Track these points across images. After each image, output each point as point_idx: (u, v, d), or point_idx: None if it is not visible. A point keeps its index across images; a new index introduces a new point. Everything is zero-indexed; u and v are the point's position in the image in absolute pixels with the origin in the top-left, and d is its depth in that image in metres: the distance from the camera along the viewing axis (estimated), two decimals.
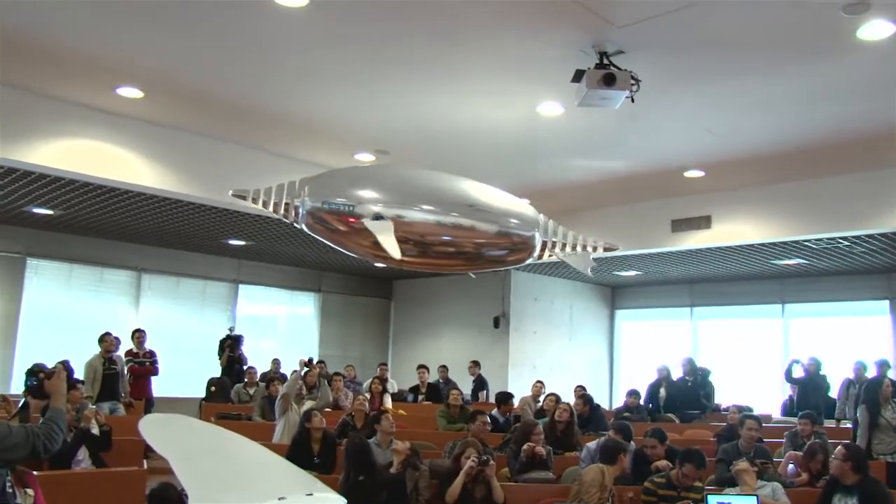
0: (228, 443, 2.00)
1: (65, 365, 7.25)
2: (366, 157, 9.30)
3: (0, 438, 3.21)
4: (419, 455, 5.99)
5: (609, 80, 5.88)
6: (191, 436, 1.98)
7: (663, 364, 11.51)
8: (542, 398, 10.73)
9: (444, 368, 12.45)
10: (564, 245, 4.34)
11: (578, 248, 4.39)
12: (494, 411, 9.02)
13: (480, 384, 12.39)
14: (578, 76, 6.06)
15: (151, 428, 1.91)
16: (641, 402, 10.99)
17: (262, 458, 2.01)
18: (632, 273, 14.12)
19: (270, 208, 3.84)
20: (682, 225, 10.82)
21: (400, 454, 5.82)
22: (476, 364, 12.63)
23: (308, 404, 7.97)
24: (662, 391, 11.24)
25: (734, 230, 10.50)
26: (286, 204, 3.85)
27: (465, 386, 11.82)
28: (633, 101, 6.13)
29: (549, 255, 4.29)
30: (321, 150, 9.16)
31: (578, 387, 10.72)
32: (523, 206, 4.34)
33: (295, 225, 3.91)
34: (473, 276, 4.67)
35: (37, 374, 3.68)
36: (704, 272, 13.54)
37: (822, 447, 6.42)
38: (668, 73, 6.59)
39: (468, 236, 4.05)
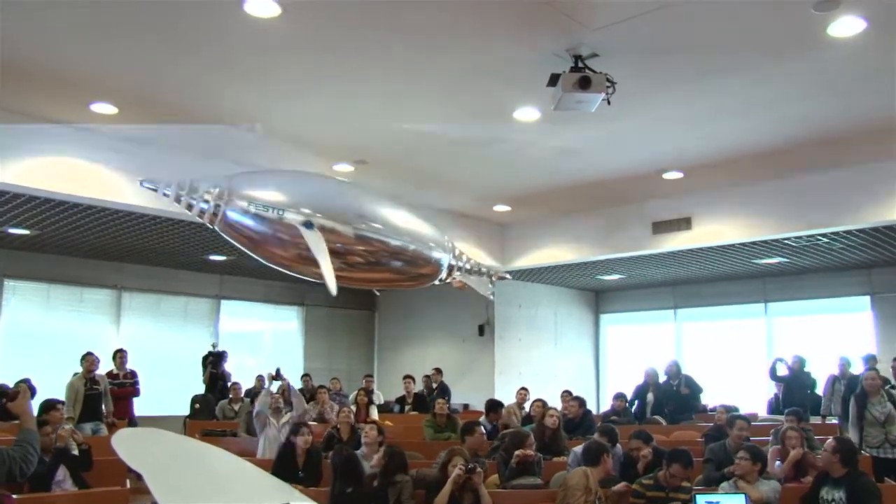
0: (203, 455, 1.97)
1: (27, 384, 7.13)
2: (344, 168, 9.27)
3: None
4: (403, 455, 5.92)
5: (584, 84, 5.88)
6: (164, 449, 1.94)
7: (651, 367, 11.50)
8: (527, 405, 10.72)
9: (427, 378, 12.37)
10: (468, 270, 4.30)
11: (478, 274, 4.35)
12: (483, 419, 8.97)
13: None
14: (554, 80, 6.06)
15: (124, 443, 1.86)
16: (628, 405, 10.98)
17: (237, 470, 1.97)
18: (615, 277, 14.15)
19: (184, 205, 3.39)
20: (663, 227, 10.86)
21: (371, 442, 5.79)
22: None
23: (286, 416, 7.91)
24: (650, 395, 11.21)
25: (715, 230, 10.54)
26: (203, 203, 3.41)
27: (451, 393, 11.77)
28: (609, 103, 6.13)
29: (452, 278, 4.22)
30: (301, 162, 9.10)
31: (565, 392, 10.70)
32: (436, 231, 4.28)
33: (209, 225, 3.48)
34: (378, 292, 4.48)
35: None
36: (687, 274, 13.58)
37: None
38: (643, 75, 6.61)
39: (389, 253, 3.88)
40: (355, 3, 5.41)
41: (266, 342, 15.14)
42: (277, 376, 8.21)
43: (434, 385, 12.10)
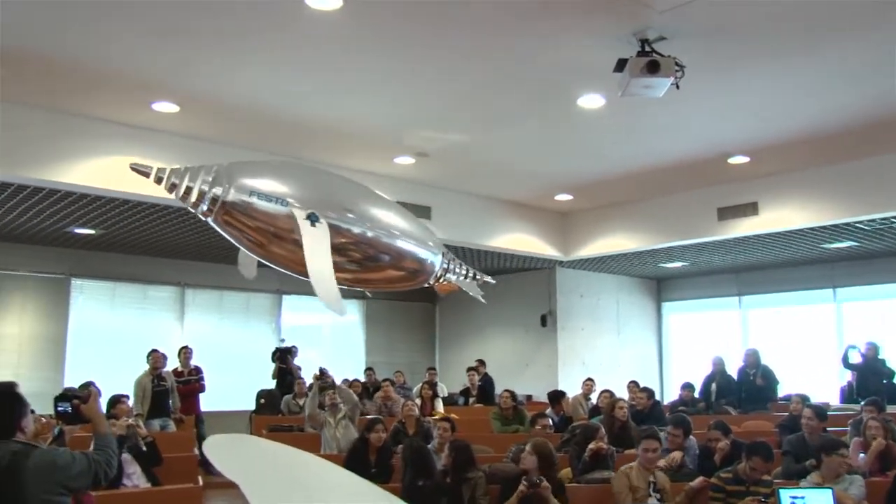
0: (300, 463, 1.91)
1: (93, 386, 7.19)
2: (405, 161, 9.24)
3: (65, 467, 3.15)
4: (470, 449, 5.84)
5: (653, 68, 5.73)
6: (259, 457, 1.89)
7: (717, 356, 11.25)
8: (593, 396, 10.59)
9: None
10: (458, 273, 4.13)
11: (468, 277, 4.18)
12: (548, 410, 8.87)
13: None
14: (621, 65, 5.92)
15: (217, 450, 1.81)
16: (696, 394, 10.77)
17: (335, 478, 1.91)
18: (677, 264, 13.90)
19: (179, 192, 3.06)
20: (729, 213, 10.61)
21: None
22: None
23: (342, 412, 7.88)
24: (714, 384, 10.97)
25: (782, 216, 10.26)
26: (201, 191, 3.06)
27: (514, 384, 11.64)
28: (677, 87, 5.98)
29: (443, 281, 4.04)
30: (359, 156, 9.11)
31: (632, 382, 10.54)
32: (428, 231, 4.10)
33: (204, 218, 3.22)
34: (370, 294, 4.19)
35: (69, 400, 3.53)
36: (752, 260, 13.26)
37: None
38: (709, 58, 6.42)
39: (394, 255, 3.66)
40: None
41: (328, 336, 15.18)
42: (321, 376, 8.19)
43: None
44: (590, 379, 10.74)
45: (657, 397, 14.11)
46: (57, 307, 11.80)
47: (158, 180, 3.07)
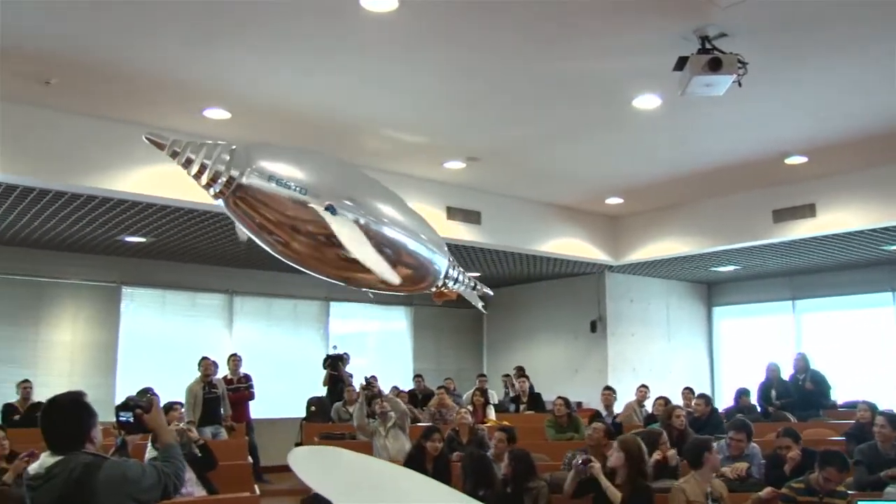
0: (386, 475, 1.81)
1: (153, 394, 7.16)
2: (456, 165, 9.16)
3: (136, 480, 3.05)
4: (530, 458, 5.72)
5: (715, 65, 5.57)
6: (344, 468, 1.80)
7: (773, 362, 10.98)
8: (647, 403, 10.41)
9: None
10: (461, 281, 3.96)
11: (469, 287, 4.01)
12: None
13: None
14: (681, 63, 5.77)
15: (302, 463, 1.73)
16: (753, 401, 10.52)
17: (422, 488, 1.81)
18: (729, 268, 13.62)
19: (193, 169, 2.91)
20: (785, 214, 10.35)
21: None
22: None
23: (392, 421, 7.80)
24: (773, 391, 10.70)
25: (840, 217, 9.98)
26: (217, 170, 2.90)
27: (564, 391, 11.48)
28: (740, 85, 5.82)
29: (444, 288, 3.86)
30: (410, 160, 9.05)
31: (686, 389, 10.33)
32: (437, 234, 3.91)
33: (216, 200, 3.07)
34: (372, 295, 3.97)
35: (132, 409, 3.36)
36: (807, 263, 12.94)
37: None
38: (769, 55, 6.22)
39: (404, 255, 3.47)
40: None
41: (375, 343, 15.14)
42: (368, 386, 8.10)
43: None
44: (644, 385, 10.55)
45: None
46: (108, 315, 11.89)
47: (173, 154, 2.92)
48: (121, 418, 3.34)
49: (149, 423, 3.34)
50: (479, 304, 4.13)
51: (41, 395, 9.86)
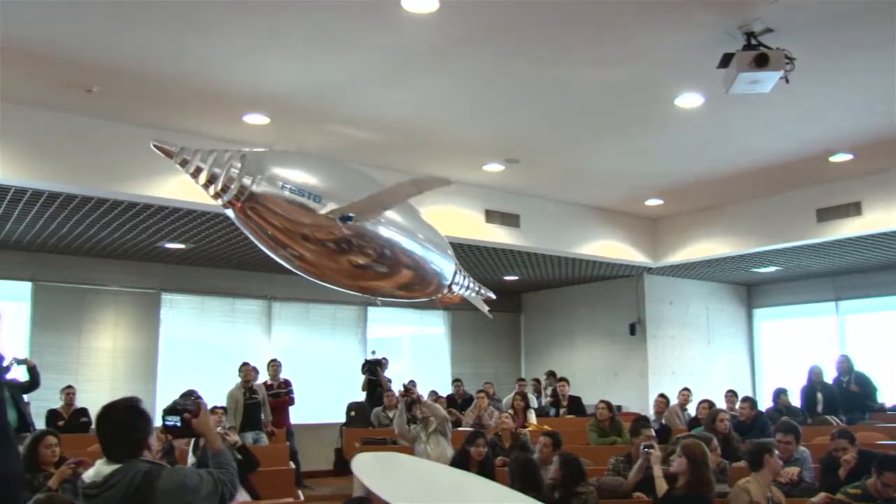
0: (448, 478, 1.76)
1: (197, 397, 7.12)
2: (495, 168, 9.10)
3: (195, 488, 2.98)
4: (580, 463, 5.65)
5: (761, 61, 5.46)
6: (408, 473, 1.75)
7: (816, 364, 10.77)
8: (690, 406, 10.28)
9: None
10: (466, 286, 3.86)
11: (473, 291, 3.91)
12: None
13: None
14: (726, 60, 5.67)
15: (365, 468, 1.68)
16: (799, 406, 10.33)
17: (486, 490, 1.76)
18: (770, 269, 13.41)
19: (202, 178, 2.78)
20: (829, 213, 10.16)
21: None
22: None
23: (433, 426, 7.73)
24: (819, 394, 10.49)
25: (887, 216, 9.75)
26: (229, 179, 2.77)
27: (604, 395, 11.37)
28: (787, 81, 5.70)
29: (449, 293, 3.77)
30: (448, 164, 9.00)
31: (730, 392, 10.17)
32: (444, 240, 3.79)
33: (226, 209, 2.91)
34: (380, 303, 3.84)
35: (180, 413, 3.29)
36: (851, 263, 12.70)
37: None
38: (815, 50, 6.08)
39: (413, 260, 3.35)
40: None
41: (413, 348, 15.13)
42: (407, 392, 8.04)
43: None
44: (686, 389, 10.41)
45: None
46: (148, 321, 11.99)
47: (183, 163, 2.83)
48: (168, 423, 3.27)
49: (197, 427, 3.28)
50: (486, 309, 4.07)
51: (83, 401, 9.96)
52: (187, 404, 3.32)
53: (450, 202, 9.73)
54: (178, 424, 3.27)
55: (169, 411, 3.30)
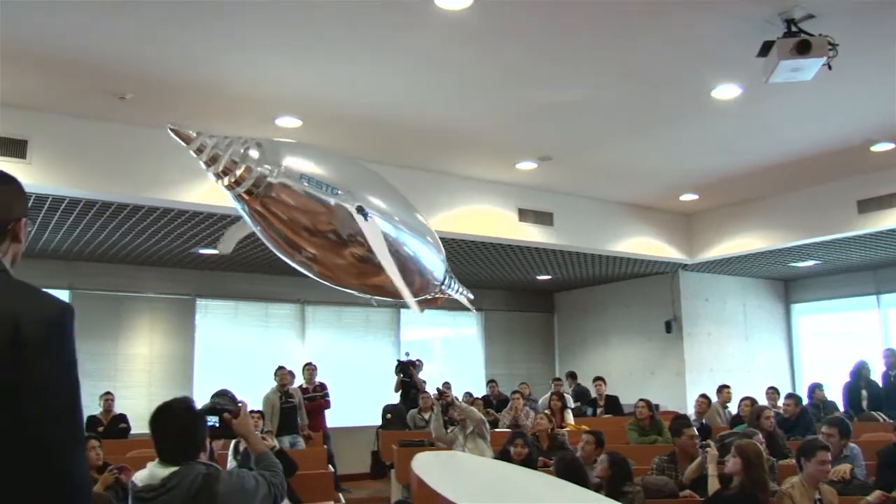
0: (512, 476, 1.70)
1: (231, 396, 7.11)
2: (528, 166, 9.02)
3: (253, 492, 2.92)
4: (628, 463, 5.56)
5: (803, 48, 5.33)
6: (471, 473, 1.68)
7: (862, 360, 10.56)
8: (730, 404, 10.13)
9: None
10: (453, 287, 3.77)
11: (457, 292, 3.82)
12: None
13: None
14: (766, 49, 5.55)
15: (427, 468, 1.62)
16: (841, 406, 10.13)
17: (552, 488, 1.69)
18: (809, 263, 13.18)
19: (219, 167, 2.61)
20: (871, 205, 9.94)
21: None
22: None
23: (470, 428, 7.67)
24: (864, 391, 10.28)
25: None
26: (246, 168, 2.61)
27: (640, 394, 11.24)
28: (829, 68, 5.57)
29: (438, 294, 3.68)
30: (481, 162, 8.94)
31: (771, 389, 10.00)
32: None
33: (235, 201, 2.76)
34: (375, 303, 3.75)
35: (219, 413, 3.19)
36: (893, 255, 12.45)
37: None
38: (856, 36, 5.91)
39: (412, 260, 3.24)
40: None
41: (447, 349, 15.08)
42: (442, 396, 7.97)
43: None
44: (727, 386, 10.25)
45: None
46: (183, 327, 12.04)
47: (199, 150, 2.63)
48: (207, 422, 3.16)
49: (237, 428, 3.22)
50: (473, 309, 4.01)
51: (121, 407, 10.01)
52: (227, 404, 3.24)
53: (483, 201, 9.67)
54: (217, 425, 3.19)
55: (208, 411, 3.21)
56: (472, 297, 3.78)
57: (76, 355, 1.57)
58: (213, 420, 3.18)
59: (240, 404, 3.31)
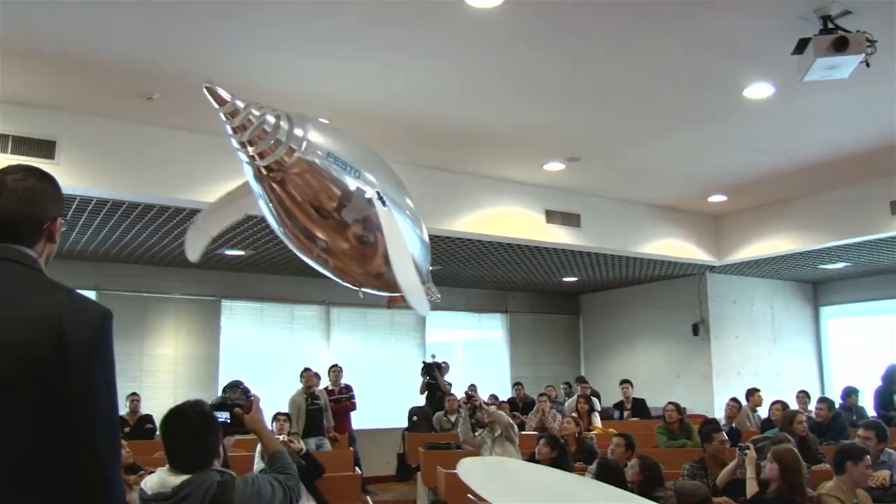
0: (560, 482, 1.63)
1: (243, 388, 7.04)
2: (556, 166, 8.94)
3: (270, 498, 2.79)
4: (660, 468, 5.48)
5: (840, 45, 5.22)
6: (515, 478, 1.62)
7: (893, 363, 10.39)
8: (760, 408, 10.00)
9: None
10: (430, 287, 3.69)
11: (432, 293, 3.74)
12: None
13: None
14: (801, 46, 5.44)
15: (473, 474, 1.57)
16: (872, 410, 9.97)
17: (601, 493, 1.63)
18: (839, 265, 12.99)
19: (246, 135, 2.47)
20: None
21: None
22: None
23: (498, 431, 7.60)
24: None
25: None
26: (276, 141, 2.48)
27: (667, 397, 11.11)
28: (867, 65, 5.45)
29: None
30: (508, 162, 8.87)
31: (801, 392, 9.86)
32: None
33: (253, 175, 2.63)
34: (362, 295, 3.62)
35: (230, 408, 3.00)
36: None
37: None
38: (892, 32, 5.82)
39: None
40: None
41: (472, 351, 15.02)
42: (470, 399, 7.91)
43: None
44: (757, 389, 10.11)
45: None
46: (209, 328, 12.06)
47: (232, 113, 2.47)
48: (219, 425, 2.96)
49: (249, 424, 3.03)
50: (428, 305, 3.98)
51: (147, 407, 10.03)
52: (237, 398, 3.05)
53: (511, 203, 9.60)
54: (228, 421, 3.00)
55: (217, 406, 3.01)
56: (440, 298, 3.72)
57: (115, 361, 1.53)
58: (223, 416, 3.00)
59: (252, 397, 3.12)
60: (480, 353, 14.99)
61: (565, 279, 13.54)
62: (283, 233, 2.89)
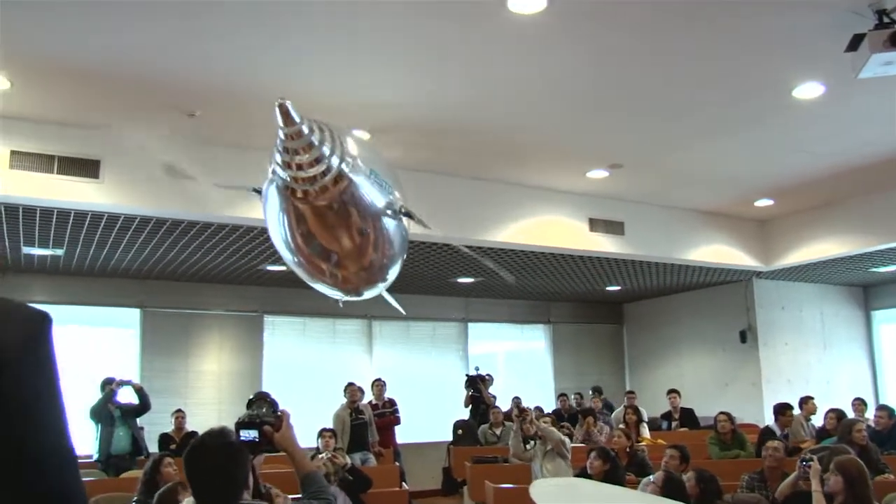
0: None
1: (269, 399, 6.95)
2: (599, 174, 8.82)
3: None
4: (717, 481, 5.32)
5: None
6: (590, 500, 1.53)
7: None
8: (814, 417, 9.75)
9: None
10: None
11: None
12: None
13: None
14: (856, 42, 5.28)
15: (547, 496, 1.47)
16: None
17: None
18: (890, 269, 12.67)
19: (306, 158, 2.37)
20: None
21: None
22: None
23: (549, 446, 7.47)
24: None
25: None
26: (330, 165, 2.38)
27: (715, 406, 10.85)
28: None
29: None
30: (551, 171, 8.76)
31: (857, 400, 9.59)
32: None
33: (301, 198, 2.51)
34: (341, 304, 3.53)
35: (259, 427, 2.76)
36: None
37: None
38: None
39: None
40: None
41: (515, 363, 14.88)
42: (521, 413, 7.80)
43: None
44: (811, 397, 9.85)
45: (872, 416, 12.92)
46: (251, 343, 12.08)
47: (297, 134, 2.33)
48: (243, 438, 2.76)
49: (280, 442, 2.79)
50: (400, 309, 3.95)
51: (193, 424, 10.03)
52: (266, 416, 2.83)
53: (554, 212, 9.49)
54: (256, 439, 2.77)
55: (244, 424, 2.79)
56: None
57: (58, 368, 1.38)
58: (250, 434, 2.77)
59: (281, 413, 2.88)
60: (523, 364, 14.83)
61: (609, 288, 13.37)
62: (289, 247, 2.85)
